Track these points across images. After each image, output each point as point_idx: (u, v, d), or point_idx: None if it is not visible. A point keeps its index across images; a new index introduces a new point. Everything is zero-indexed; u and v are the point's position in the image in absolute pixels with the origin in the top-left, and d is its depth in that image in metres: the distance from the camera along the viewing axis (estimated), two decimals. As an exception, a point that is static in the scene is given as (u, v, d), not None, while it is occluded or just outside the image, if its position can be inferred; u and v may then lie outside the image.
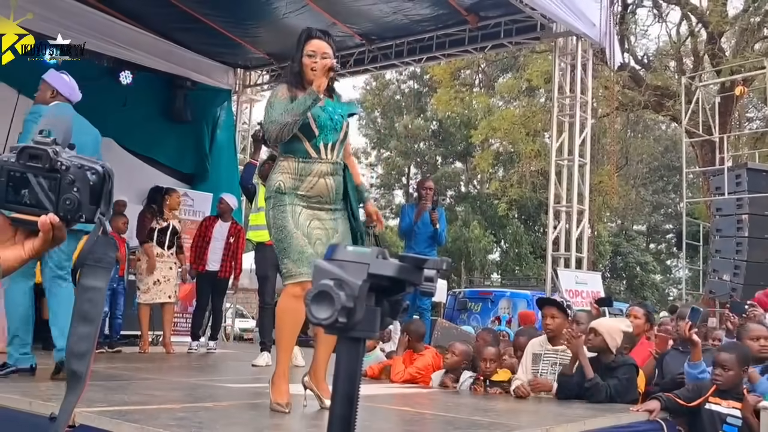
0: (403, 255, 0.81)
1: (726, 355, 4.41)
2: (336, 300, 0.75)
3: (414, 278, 0.80)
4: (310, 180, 3.70)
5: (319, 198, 3.73)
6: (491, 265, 34.24)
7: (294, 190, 3.68)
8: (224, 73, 11.85)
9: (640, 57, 20.88)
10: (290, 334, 3.65)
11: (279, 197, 3.69)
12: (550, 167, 9.37)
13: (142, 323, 8.17)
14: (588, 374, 4.64)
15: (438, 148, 35.45)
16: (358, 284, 0.76)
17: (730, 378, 4.32)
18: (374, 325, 0.79)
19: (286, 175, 3.71)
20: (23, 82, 8.90)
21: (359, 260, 0.78)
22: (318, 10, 9.63)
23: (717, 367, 4.37)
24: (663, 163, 34.50)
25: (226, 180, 11.21)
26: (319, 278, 0.77)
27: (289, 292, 3.62)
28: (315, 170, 3.71)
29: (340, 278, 0.76)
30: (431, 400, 4.80)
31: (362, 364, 0.83)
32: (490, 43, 10.03)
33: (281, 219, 3.66)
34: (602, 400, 4.56)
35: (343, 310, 0.75)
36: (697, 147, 16.80)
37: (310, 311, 0.77)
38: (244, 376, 6.02)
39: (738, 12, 18.18)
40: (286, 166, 3.73)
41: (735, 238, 11.71)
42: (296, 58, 3.83)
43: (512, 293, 13.37)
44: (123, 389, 4.40)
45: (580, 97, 9.21)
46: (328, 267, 0.77)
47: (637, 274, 35.18)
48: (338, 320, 0.75)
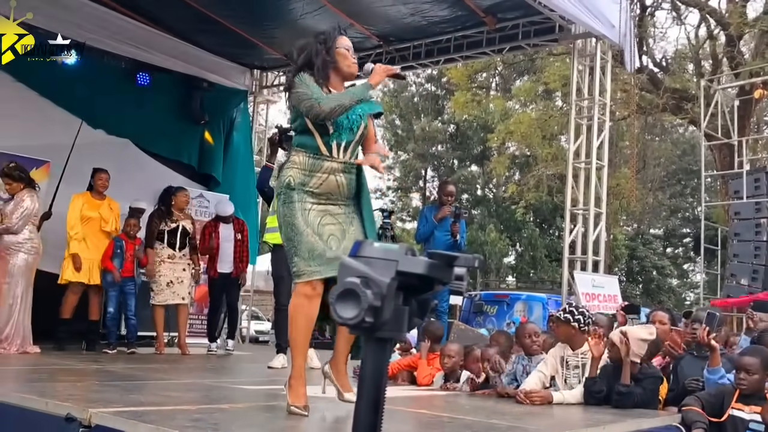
0: (432, 252, 0.77)
1: (750, 359, 4.34)
2: (363, 299, 0.71)
3: (444, 276, 0.76)
4: (320, 176, 3.62)
5: (329, 195, 3.66)
6: (507, 269, 34.10)
7: (303, 186, 3.60)
8: (241, 74, 11.85)
9: (659, 59, 20.75)
10: (304, 334, 3.59)
11: (288, 193, 3.61)
12: (567, 170, 9.30)
13: (157, 325, 8.18)
14: (625, 380, 4.58)
15: (455, 151, 35.34)
16: (386, 282, 0.72)
17: (755, 382, 4.26)
18: (402, 325, 0.75)
19: (296, 170, 3.62)
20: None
21: (387, 257, 0.74)
22: (335, 11, 9.61)
23: (740, 371, 4.30)
24: (681, 166, 34.24)
25: (242, 181, 11.22)
26: (345, 276, 0.73)
27: (300, 291, 3.54)
28: (325, 167, 3.63)
29: (366, 276, 0.73)
30: (448, 402, 4.76)
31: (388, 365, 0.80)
32: (508, 45, 9.97)
33: (290, 216, 3.57)
34: (629, 407, 4.51)
35: (369, 309, 0.71)
36: (715, 150, 16.66)
37: (335, 310, 0.73)
38: (260, 378, 6.00)
39: (758, 14, 18.00)
40: (297, 161, 3.65)
41: (753, 242, 11.62)
42: (327, 49, 3.73)
43: (528, 296, 13.31)
44: (139, 390, 4.40)
45: (599, 99, 9.13)
46: (354, 264, 0.74)
47: (653, 278, 34.92)
48: (365, 320, 0.71)
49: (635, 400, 4.57)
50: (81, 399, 3.59)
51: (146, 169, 10.36)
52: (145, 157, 10.50)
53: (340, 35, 3.81)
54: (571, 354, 4.99)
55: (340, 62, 3.74)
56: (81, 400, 3.51)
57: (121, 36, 9.86)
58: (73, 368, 5.84)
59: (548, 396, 4.72)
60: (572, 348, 5.00)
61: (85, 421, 3.10)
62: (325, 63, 3.72)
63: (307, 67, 3.71)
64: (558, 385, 4.96)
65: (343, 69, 3.75)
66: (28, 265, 7.04)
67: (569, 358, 4.99)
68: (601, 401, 4.67)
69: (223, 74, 11.40)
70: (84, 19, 9.31)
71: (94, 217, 7.86)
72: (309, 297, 3.51)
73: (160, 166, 10.65)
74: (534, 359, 5.24)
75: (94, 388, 4.36)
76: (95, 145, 9.60)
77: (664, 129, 29.25)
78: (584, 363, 4.90)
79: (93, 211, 7.85)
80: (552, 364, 5.04)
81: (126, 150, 10.17)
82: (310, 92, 3.59)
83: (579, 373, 4.92)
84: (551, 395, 4.74)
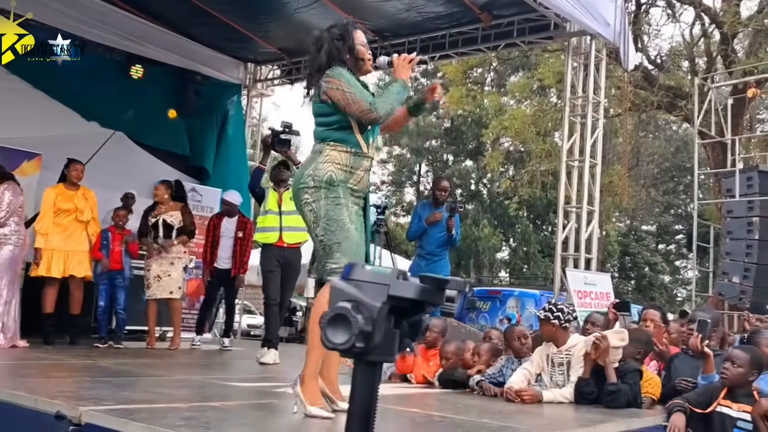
0: (423, 275, 0.76)
1: (739, 351, 4.36)
2: (353, 324, 0.71)
3: (435, 299, 0.76)
4: (359, 174, 3.62)
5: (361, 193, 3.68)
6: (500, 264, 34.19)
7: (345, 183, 3.57)
8: (235, 68, 11.82)
9: (653, 57, 20.75)
10: None
11: (332, 189, 3.54)
12: (561, 167, 9.30)
13: (149, 319, 8.15)
14: (611, 379, 4.60)
15: (449, 146, 35.40)
16: (377, 307, 0.72)
17: (738, 375, 4.25)
18: (393, 349, 0.75)
19: (336, 166, 3.56)
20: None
21: (378, 281, 0.74)
22: (331, 5, 9.58)
23: (727, 361, 4.32)
24: (674, 163, 34.35)
25: (235, 174, 11.19)
26: (336, 299, 0.73)
27: None
28: (363, 165, 3.64)
29: (357, 300, 0.72)
30: (440, 401, 4.76)
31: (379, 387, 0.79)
32: (503, 42, 9.96)
33: (337, 212, 3.51)
34: (621, 406, 4.53)
35: (360, 334, 0.70)
36: (708, 148, 16.68)
37: (326, 335, 0.73)
38: (252, 374, 6.00)
39: (752, 13, 18.02)
40: (336, 157, 3.57)
41: (745, 240, 11.62)
42: (347, 45, 3.67)
43: (520, 292, 13.35)
44: (130, 386, 4.39)
45: (593, 97, 9.13)
46: (345, 288, 0.73)
47: (645, 275, 35.08)
48: (355, 345, 0.71)
49: (626, 398, 4.59)
50: (71, 396, 3.57)
51: (140, 163, 10.35)
52: (138, 150, 10.48)
53: (355, 29, 3.74)
54: (555, 351, 5.00)
55: (358, 61, 3.70)
56: (71, 398, 3.50)
57: (115, 28, 9.82)
58: (62, 363, 5.83)
59: (538, 394, 4.74)
60: (556, 345, 5.02)
61: (75, 419, 3.09)
62: (354, 57, 3.68)
63: (337, 60, 3.64)
64: (544, 381, 4.98)
65: (361, 68, 3.71)
66: (13, 258, 6.99)
67: (554, 355, 5.01)
68: (592, 402, 4.68)
69: (216, 67, 11.37)
70: (79, 11, 9.27)
71: (69, 208, 7.74)
72: None
73: (154, 159, 10.64)
74: (523, 361, 5.26)
75: (85, 384, 4.35)
76: (89, 138, 9.59)
77: (658, 126, 29.30)
78: (569, 360, 4.92)
79: (68, 203, 7.73)
80: (537, 362, 5.06)
81: (120, 143, 10.15)
82: (360, 94, 3.54)
83: (564, 370, 4.94)
84: (542, 394, 4.75)
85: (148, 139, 10.56)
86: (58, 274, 7.59)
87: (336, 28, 3.72)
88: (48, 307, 7.68)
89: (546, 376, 5.00)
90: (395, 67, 3.71)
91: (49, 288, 7.67)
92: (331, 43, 3.67)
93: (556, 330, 4.97)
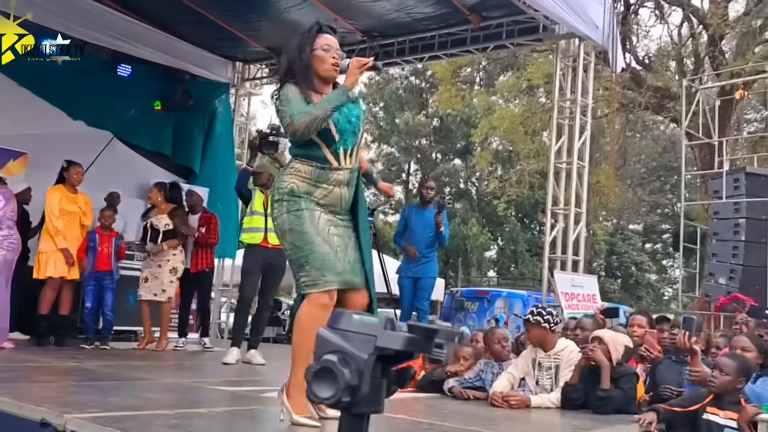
0: (412, 324, 0.75)
1: (726, 359, 4.37)
2: (340, 378, 0.70)
3: (424, 349, 0.74)
4: (326, 188, 3.52)
5: (333, 207, 3.57)
6: (488, 263, 34.25)
7: (308, 194, 3.49)
8: (223, 67, 11.77)
9: (641, 57, 20.81)
10: (312, 346, 3.43)
11: (294, 201, 3.47)
12: (549, 170, 9.33)
13: (141, 320, 8.14)
14: (605, 384, 4.61)
15: (438, 145, 35.43)
16: (364, 359, 0.71)
17: (725, 383, 4.26)
18: (380, 400, 0.74)
19: (299, 177, 3.49)
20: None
21: (366, 331, 0.72)
22: (320, 5, 9.57)
23: (715, 369, 4.33)
24: (661, 163, 34.42)
25: (223, 173, 11.14)
26: (322, 350, 0.71)
27: (316, 301, 3.39)
28: (332, 179, 3.52)
29: (344, 351, 0.71)
30: (427, 406, 4.75)
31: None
32: (492, 43, 9.98)
33: (299, 224, 3.44)
34: (609, 412, 4.54)
35: (347, 388, 0.70)
36: (695, 149, 16.74)
37: (311, 389, 0.71)
38: (238, 377, 5.98)
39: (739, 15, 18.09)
40: (301, 170, 3.51)
41: (732, 242, 11.68)
42: (305, 50, 3.56)
43: (508, 293, 13.36)
44: (116, 391, 4.36)
45: (581, 100, 9.15)
46: (331, 337, 0.72)
47: (632, 274, 35.20)
48: (341, 399, 0.70)
49: (616, 404, 4.60)
50: (56, 402, 3.55)
51: (127, 163, 10.29)
52: (126, 149, 10.42)
53: (319, 33, 3.62)
54: (543, 355, 5.01)
55: (317, 65, 3.57)
56: (56, 404, 3.47)
57: (102, 27, 9.75)
58: (48, 366, 5.79)
59: (526, 400, 4.74)
60: (544, 349, 5.02)
61: (60, 427, 3.07)
62: (304, 68, 3.57)
63: (289, 75, 3.59)
64: (529, 386, 4.98)
65: (321, 73, 3.59)
66: (6, 262, 6.97)
67: (542, 359, 5.01)
68: (578, 406, 4.69)
69: (205, 66, 11.32)
70: (65, 9, 9.19)
71: (74, 211, 7.75)
72: (326, 306, 3.37)
73: (142, 159, 10.59)
74: (504, 365, 5.26)
75: (71, 389, 4.32)
76: (75, 137, 9.52)
77: (645, 126, 29.36)
78: (557, 364, 4.93)
79: (72, 205, 7.74)
80: (522, 366, 5.06)
81: (106, 143, 10.08)
82: (287, 108, 3.48)
83: (552, 374, 4.94)
84: (529, 399, 4.76)
85: (135, 138, 10.50)
86: (65, 274, 7.59)
87: (298, 37, 3.64)
88: (45, 308, 7.66)
89: (531, 381, 5.00)
90: (347, 71, 3.59)
91: (49, 289, 7.66)
92: (291, 53, 3.62)
93: (545, 333, 4.98)
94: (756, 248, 11.48)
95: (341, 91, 3.54)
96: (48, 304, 7.65)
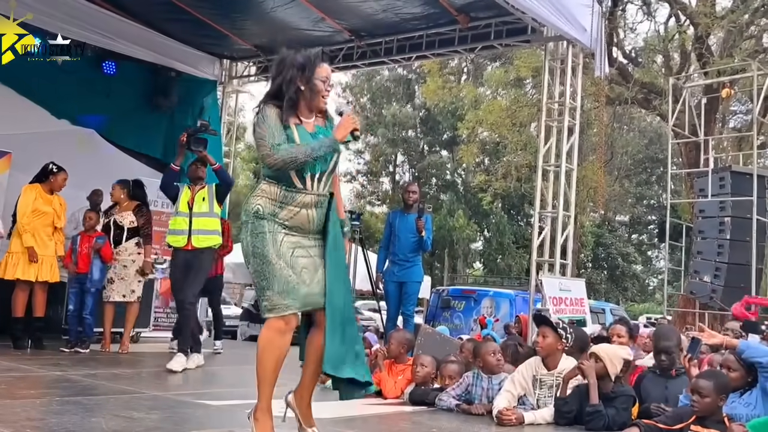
0: None
1: (704, 381, 4.38)
2: None
3: None
4: (291, 209, 3.51)
5: (300, 228, 3.55)
6: (474, 254, 34.33)
7: (273, 216, 3.49)
8: (210, 64, 11.66)
9: (628, 51, 20.80)
10: (273, 368, 3.45)
11: (258, 223, 3.47)
12: (537, 172, 9.32)
13: (104, 321, 8.09)
14: (593, 400, 4.62)
15: (425, 137, 35.41)
16: None
17: (707, 405, 4.28)
18: None
19: (265, 199, 3.50)
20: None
21: None
22: (307, 4, 9.50)
23: (694, 393, 4.35)
24: (647, 155, 34.57)
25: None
26: None
27: (273, 326, 3.42)
28: (298, 200, 3.51)
29: None
30: (414, 423, 4.75)
31: None
32: (480, 44, 9.92)
33: (261, 247, 3.44)
34: (599, 428, 4.54)
35: None
36: (681, 145, 16.80)
37: None
38: (224, 389, 5.95)
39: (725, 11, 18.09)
40: (267, 191, 3.52)
41: (717, 240, 11.75)
42: (306, 78, 3.56)
43: (495, 293, 13.37)
44: (100, 409, 4.32)
45: (569, 103, 9.12)
46: None
47: (618, 265, 35.43)
48: None
49: (606, 421, 4.61)
50: (39, 427, 3.51)
51: (113, 161, 10.19)
52: (111, 147, 10.33)
53: (321, 63, 3.62)
54: (545, 373, 5.00)
55: (311, 96, 3.59)
56: (39, 428, 3.44)
57: (86, 24, 9.59)
58: (30, 376, 5.73)
59: (520, 417, 4.75)
60: (547, 366, 5.02)
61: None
62: (298, 94, 3.57)
63: (275, 98, 3.56)
64: (531, 404, 4.97)
65: (313, 103, 3.61)
66: None
67: (544, 377, 5.00)
68: (571, 421, 4.70)
69: (191, 64, 11.22)
70: (47, 4, 9.05)
71: (48, 211, 7.62)
72: (282, 332, 3.41)
73: (127, 158, 10.49)
74: (494, 378, 5.25)
75: (54, 407, 4.27)
76: (59, 135, 9.43)
77: (632, 118, 29.42)
78: (558, 383, 4.92)
79: (47, 206, 7.62)
80: (520, 382, 5.05)
81: (91, 141, 10.00)
82: (268, 135, 3.47)
83: (554, 393, 4.94)
84: (522, 416, 4.76)
85: (119, 137, 10.40)
86: (32, 277, 7.48)
87: (301, 55, 3.60)
88: (19, 311, 7.58)
89: (532, 398, 5.00)
90: (341, 122, 3.59)
91: (21, 291, 7.58)
92: (288, 73, 3.56)
93: (558, 350, 5.00)
94: (741, 246, 11.55)
95: (331, 145, 3.53)
96: (21, 306, 7.58)
